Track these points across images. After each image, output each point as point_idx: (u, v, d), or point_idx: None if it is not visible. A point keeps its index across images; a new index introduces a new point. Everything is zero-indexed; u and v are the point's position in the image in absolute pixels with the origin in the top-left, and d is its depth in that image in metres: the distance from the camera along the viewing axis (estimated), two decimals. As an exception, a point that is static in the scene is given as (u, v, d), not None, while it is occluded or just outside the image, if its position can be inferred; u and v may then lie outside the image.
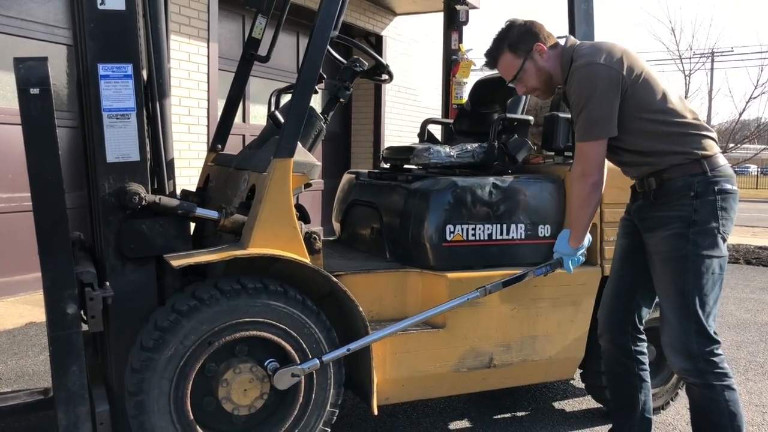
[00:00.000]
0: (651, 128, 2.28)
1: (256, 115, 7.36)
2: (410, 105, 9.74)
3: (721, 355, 2.25)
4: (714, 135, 2.34)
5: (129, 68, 2.20)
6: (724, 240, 2.24)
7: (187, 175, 5.85)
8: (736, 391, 2.26)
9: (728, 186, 2.25)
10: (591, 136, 2.28)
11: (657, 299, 2.40)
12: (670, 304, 2.28)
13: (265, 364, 2.30)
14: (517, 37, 2.40)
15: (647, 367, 2.59)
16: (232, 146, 3.37)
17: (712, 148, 2.29)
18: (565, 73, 2.36)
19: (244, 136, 7.01)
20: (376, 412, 2.46)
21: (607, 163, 2.97)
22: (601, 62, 2.24)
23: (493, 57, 2.46)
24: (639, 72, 2.27)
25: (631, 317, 2.52)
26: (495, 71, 2.62)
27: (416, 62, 9.77)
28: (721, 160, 2.29)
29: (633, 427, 2.55)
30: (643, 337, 2.57)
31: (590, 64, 2.25)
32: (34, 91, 1.98)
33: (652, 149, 2.29)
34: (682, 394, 3.31)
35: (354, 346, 2.35)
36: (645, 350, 2.57)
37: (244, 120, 7.20)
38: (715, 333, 2.25)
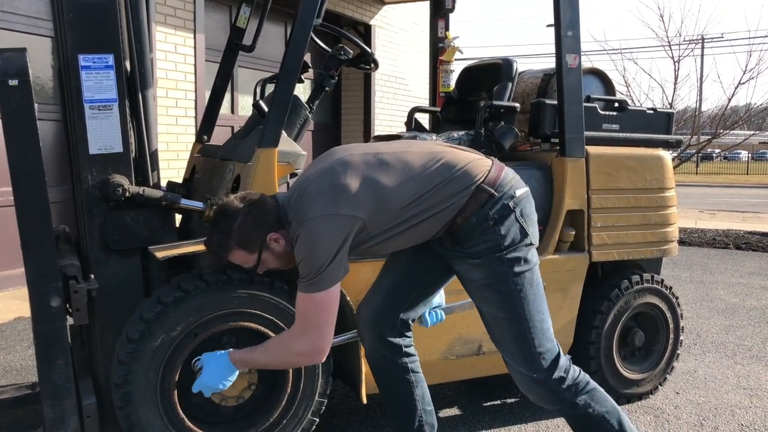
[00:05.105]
0: (422, 210, 1.98)
1: (244, 106, 7.31)
2: (400, 94, 9.71)
3: (564, 365, 2.07)
4: (466, 159, 2.03)
5: (110, 59, 2.18)
6: (533, 243, 2.06)
7: (176, 168, 5.82)
8: (596, 388, 2.11)
9: (518, 191, 2.03)
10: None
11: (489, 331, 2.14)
12: (505, 333, 2.06)
13: (253, 354, 2.29)
14: (245, 236, 1.96)
15: (417, 357, 2.33)
16: (222, 138, 3.35)
17: (480, 168, 2.02)
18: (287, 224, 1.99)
19: (233, 127, 6.97)
20: (365, 401, 2.47)
21: (596, 149, 2.98)
22: (321, 215, 1.89)
23: (219, 256, 2.01)
24: (368, 190, 1.92)
25: (406, 315, 2.27)
26: (480, 59, 2.49)
27: (405, 51, 9.74)
28: (493, 171, 2.03)
29: (422, 427, 2.32)
30: (411, 333, 2.32)
31: (311, 220, 1.89)
32: (13, 82, 1.96)
33: (441, 220, 2.00)
34: (670, 378, 3.34)
35: (340, 339, 2.34)
36: (412, 342, 2.32)
37: (232, 111, 7.16)
38: (555, 345, 2.07)
